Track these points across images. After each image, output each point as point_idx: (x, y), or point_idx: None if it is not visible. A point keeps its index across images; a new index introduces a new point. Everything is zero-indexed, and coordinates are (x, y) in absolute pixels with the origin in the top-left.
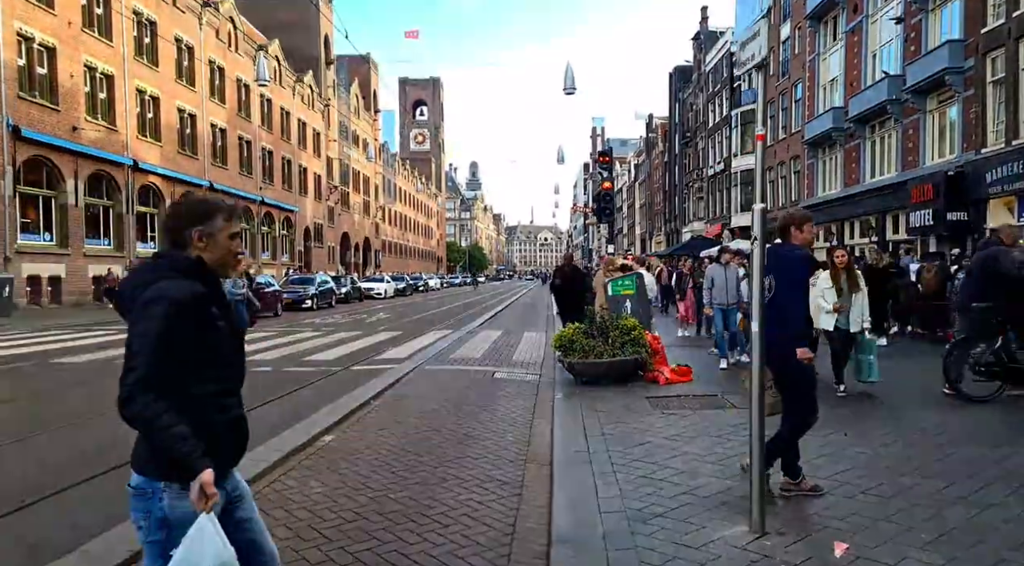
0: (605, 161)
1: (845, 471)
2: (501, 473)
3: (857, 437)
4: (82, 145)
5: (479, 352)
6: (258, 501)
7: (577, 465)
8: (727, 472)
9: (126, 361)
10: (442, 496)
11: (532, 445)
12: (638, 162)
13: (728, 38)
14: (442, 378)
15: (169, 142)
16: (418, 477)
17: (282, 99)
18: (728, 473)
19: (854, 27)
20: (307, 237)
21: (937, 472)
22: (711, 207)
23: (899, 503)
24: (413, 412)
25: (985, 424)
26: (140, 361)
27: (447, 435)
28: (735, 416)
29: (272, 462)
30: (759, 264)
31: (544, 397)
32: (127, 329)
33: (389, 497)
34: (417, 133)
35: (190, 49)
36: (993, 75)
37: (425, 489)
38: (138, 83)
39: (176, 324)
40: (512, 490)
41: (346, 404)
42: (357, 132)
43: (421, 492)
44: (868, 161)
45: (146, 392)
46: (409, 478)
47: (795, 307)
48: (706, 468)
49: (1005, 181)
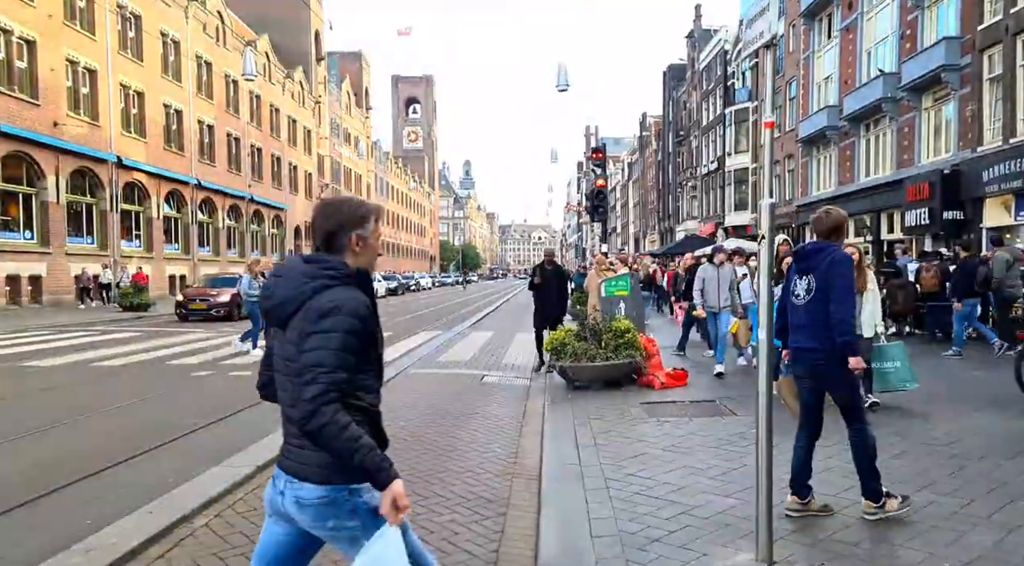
0: (598, 158)
1: (854, 487)
2: (485, 490)
3: None
4: (64, 141)
5: (468, 355)
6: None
7: (567, 480)
8: (728, 488)
9: (300, 374)
10: (420, 517)
11: (520, 457)
12: (632, 161)
13: (722, 36)
14: (428, 383)
15: (155, 138)
16: None
17: (271, 95)
18: (729, 489)
19: (849, 24)
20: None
21: (954, 488)
22: (705, 206)
23: (918, 526)
24: (394, 420)
25: (997, 432)
26: (321, 374)
27: (429, 446)
28: (734, 424)
29: (243, 476)
30: (767, 264)
31: (534, 403)
32: (289, 340)
33: None
34: (410, 131)
35: (176, 44)
36: (990, 72)
37: None
38: (122, 78)
39: (353, 336)
40: (497, 509)
41: None
42: (348, 129)
43: None
44: (863, 160)
45: (330, 404)
46: None
47: (845, 311)
48: (706, 483)
49: (1002, 180)
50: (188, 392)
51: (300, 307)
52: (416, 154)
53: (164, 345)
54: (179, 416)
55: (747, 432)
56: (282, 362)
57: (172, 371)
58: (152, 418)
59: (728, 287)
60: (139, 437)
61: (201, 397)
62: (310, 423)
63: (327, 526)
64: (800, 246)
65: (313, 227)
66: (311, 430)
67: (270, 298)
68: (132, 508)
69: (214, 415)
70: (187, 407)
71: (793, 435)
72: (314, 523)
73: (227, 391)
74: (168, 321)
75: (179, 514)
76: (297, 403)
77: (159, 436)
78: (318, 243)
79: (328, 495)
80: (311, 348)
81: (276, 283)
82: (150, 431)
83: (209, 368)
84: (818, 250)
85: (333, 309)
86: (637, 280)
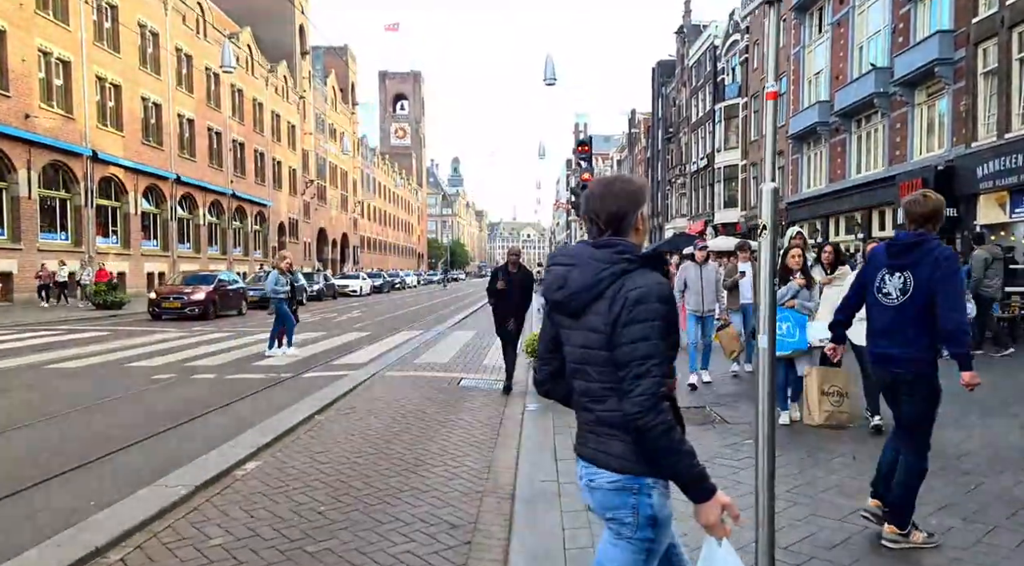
0: (584, 151)
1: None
2: (451, 512)
3: (871, 460)
4: (36, 134)
5: (447, 356)
6: (136, 556)
7: (543, 500)
8: None
9: (623, 366)
10: (372, 547)
11: (493, 472)
12: (620, 158)
13: (711, 31)
14: (401, 387)
15: (132, 132)
16: (350, 519)
17: (254, 90)
18: None
19: (840, 19)
20: (282, 232)
21: (973, 511)
22: (694, 203)
23: (940, 557)
24: (360, 430)
25: (1012, 444)
26: (654, 366)
27: (395, 460)
28: (725, 434)
29: (179, 496)
30: (769, 260)
31: (512, 409)
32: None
33: (306, 551)
34: (397, 127)
35: (155, 35)
36: (985, 66)
37: (354, 537)
38: (98, 70)
39: (665, 323)
40: (462, 536)
41: (282, 421)
42: (334, 125)
43: (348, 542)
44: (854, 156)
45: (664, 400)
46: (338, 521)
47: (959, 319)
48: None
49: (997, 176)
50: (141, 398)
51: (599, 295)
52: (404, 151)
53: (129, 346)
54: (122, 426)
55: (740, 444)
56: (580, 351)
57: (130, 374)
58: (91, 428)
59: (715, 287)
60: (70, 451)
61: (153, 404)
62: (643, 418)
63: (606, 514)
64: (893, 236)
65: (593, 208)
66: (643, 425)
67: (563, 287)
68: (37, 541)
69: (161, 424)
70: (135, 415)
71: (789, 448)
72: (598, 506)
73: (182, 398)
74: (140, 320)
75: (89, 548)
76: (626, 396)
77: (93, 449)
78: (602, 225)
79: (619, 482)
80: (635, 339)
81: (567, 272)
82: (85, 443)
83: (172, 371)
84: (917, 243)
85: (646, 296)
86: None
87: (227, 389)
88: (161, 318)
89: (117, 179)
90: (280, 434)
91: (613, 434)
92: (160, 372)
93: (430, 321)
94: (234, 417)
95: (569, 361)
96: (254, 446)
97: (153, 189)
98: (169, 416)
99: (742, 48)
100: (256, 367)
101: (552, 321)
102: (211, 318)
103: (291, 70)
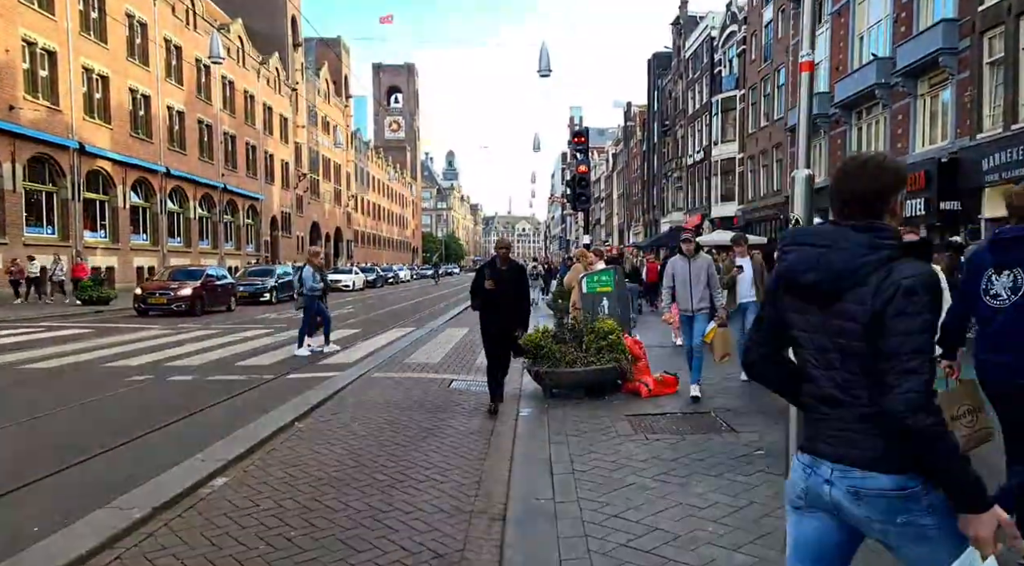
0: (580, 142)
1: None
2: (435, 537)
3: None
4: (20, 125)
5: (438, 356)
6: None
7: (537, 523)
8: (737, 538)
9: (891, 360)
10: None
11: (483, 487)
12: (616, 151)
13: (708, 22)
14: (389, 389)
15: (120, 124)
16: (320, 546)
17: (245, 82)
18: (739, 539)
19: (840, 8)
20: (274, 226)
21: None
22: (690, 197)
23: None
24: (342, 439)
25: None
26: (923, 362)
27: (378, 474)
28: (735, 444)
29: (132, 521)
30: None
31: (506, 415)
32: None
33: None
34: (391, 121)
35: (143, 26)
36: (990, 56)
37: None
38: (84, 61)
39: (935, 316)
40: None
41: (257, 430)
42: (327, 118)
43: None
44: (854, 148)
45: (934, 396)
46: (306, 549)
47: None
48: (709, 530)
49: (1003, 168)
50: (110, 403)
51: (861, 282)
52: (398, 144)
53: (110, 344)
54: (84, 435)
55: (751, 456)
56: (828, 339)
57: (105, 376)
58: (47, 439)
59: (706, 284)
60: (18, 466)
61: (121, 409)
62: (916, 417)
63: (896, 521)
64: (997, 232)
65: (846, 188)
66: (914, 424)
67: (815, 270)
68: None
69: (127, 433)
70: (99, 422)
71: None
72: (879, 517)
73: (154, 402)
74: (126, 316)
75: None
76: (891, 391)
77: (45, 463)
78: (854, 207)
79: (906, 486)
80: (906, 331)
81: (821, 254)
82: (36, 457)
83: (149, 372)
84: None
85: (918, 286)
86: (622, 274)
87: (204, 392)
88: (147, 314)
89: (105, 172)
90: (253, 445)
91: (880, 433)
92: (135, 373)
93: (423, 317)
94: (206, 424)
95: (808, 349)
96: (223, 459)
97: (142, 182)
98: (137, 423)
99: (740, 39)
100: (238, 368)
101: (778, 305)
102: (198, 314)
103: (283, 62)
